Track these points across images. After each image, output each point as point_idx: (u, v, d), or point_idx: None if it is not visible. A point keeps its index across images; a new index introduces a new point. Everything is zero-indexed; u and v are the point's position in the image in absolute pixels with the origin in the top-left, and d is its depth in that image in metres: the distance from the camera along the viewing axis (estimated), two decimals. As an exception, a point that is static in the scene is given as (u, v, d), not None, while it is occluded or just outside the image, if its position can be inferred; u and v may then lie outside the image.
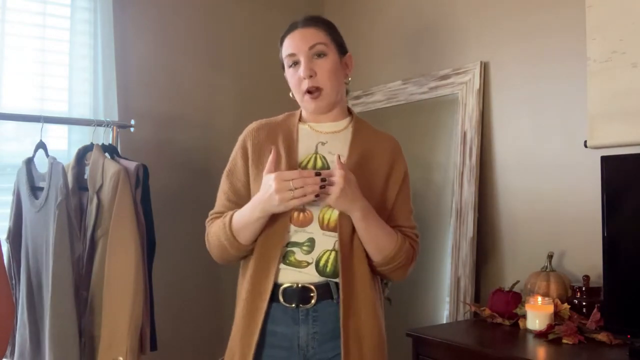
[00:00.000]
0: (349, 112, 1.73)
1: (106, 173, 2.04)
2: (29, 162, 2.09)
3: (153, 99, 2.64)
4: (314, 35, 1.60)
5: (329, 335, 1.53)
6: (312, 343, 1.54)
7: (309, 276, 1.55)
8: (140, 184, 2.11)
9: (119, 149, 2.27)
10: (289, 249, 1.56)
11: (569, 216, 2.08)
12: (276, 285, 1.55)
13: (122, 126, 2.33)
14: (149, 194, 2.18)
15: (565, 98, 2.10)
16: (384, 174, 1.64)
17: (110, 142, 2.26)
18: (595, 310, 1.81)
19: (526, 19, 2.23)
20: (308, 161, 1.61)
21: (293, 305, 1.54)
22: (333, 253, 1.55)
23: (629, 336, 1.66)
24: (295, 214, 1.56)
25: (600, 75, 1.93)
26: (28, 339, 2.01)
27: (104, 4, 2.42)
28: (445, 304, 2.32)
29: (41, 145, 2.10)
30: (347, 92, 1.77)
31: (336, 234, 1.54)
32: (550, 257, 2.05)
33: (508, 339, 1.87)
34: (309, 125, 1.67)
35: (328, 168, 1.59)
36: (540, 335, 1.82)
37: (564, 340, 1.75)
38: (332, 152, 1.61)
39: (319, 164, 1.61)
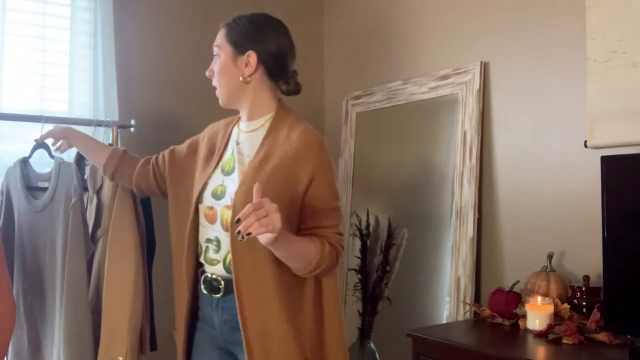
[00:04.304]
0: (281, 108, 1.66)
1: (106, 173, 2.03)
2: (24, 161, 2.07)
3: (153, 98, 2.64)
4: (217, 38, 1.71)
5: (237, 325, 1.56)
6: (224, 328, 1.64)
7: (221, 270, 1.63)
8: (140, 184, 2.11)
9: (119, 149, 2.27)
10: (206, 244, 1.65)
11: (569, 216, 2.08)
12: (203, 272, 1.67)
13: (122, 126, 2.33)
14: (149, 194, 2.17)
15: (565, 98, 2.10)
16: (284, 174, 1.54)
17: (111, 142, 2.26)
18: (595, 310, 1.81)
19: (526, 19, 2.23)
20: (228, 162, 1.67)
21: (207, 292, 1.66)
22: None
23: (629, 336, 1.66)
24: (206, 208, 1.64)
25: (600, 75, 1.92)
26: (26, 339, 2.01)
27: (104, 4, 2.41)
28: (445, 304, 2.32)
29: (42, 145, 2.10)
30: (298, 93, 1.69)
31: None
32: (550, 257, 2.05)
33: (508, 339, 1.88)
34: (237, 125, 1.73)
35: (234, 169, 1.63)
36: (540, 335, 1.82)
37: (564, 340, 1.75)
38: (241, 153, 1.65)
39: (231, 164, 1.65)
